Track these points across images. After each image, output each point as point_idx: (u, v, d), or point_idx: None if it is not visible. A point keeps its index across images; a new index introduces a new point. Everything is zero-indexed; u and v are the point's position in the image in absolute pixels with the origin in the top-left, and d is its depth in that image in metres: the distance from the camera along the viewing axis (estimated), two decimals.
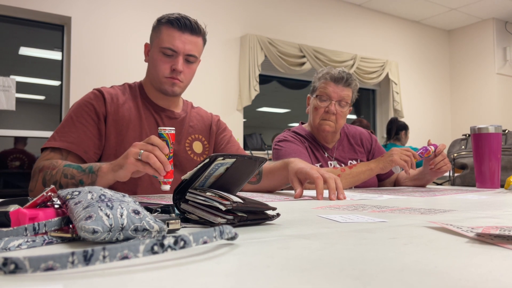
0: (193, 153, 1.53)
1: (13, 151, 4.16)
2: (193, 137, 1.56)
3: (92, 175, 1.16)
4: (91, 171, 1.16)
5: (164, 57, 1.42)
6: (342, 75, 1.82)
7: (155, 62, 1.44)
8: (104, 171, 1.14)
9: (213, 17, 4.81)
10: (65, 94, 4.07)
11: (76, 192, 0.53)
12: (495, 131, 1.67)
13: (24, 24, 4.07)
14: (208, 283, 0.33)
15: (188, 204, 0.65)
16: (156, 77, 1.45)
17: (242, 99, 4.89)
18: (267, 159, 0.83)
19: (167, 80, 1.44)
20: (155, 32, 1.46)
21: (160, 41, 1.42)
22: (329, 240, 0.52)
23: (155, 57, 1.43)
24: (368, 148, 2.02)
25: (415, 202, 1.07)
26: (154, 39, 1.45)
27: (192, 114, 1.61)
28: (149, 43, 1.50)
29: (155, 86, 1.48)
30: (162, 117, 1.51)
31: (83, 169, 1.18)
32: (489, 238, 0.51)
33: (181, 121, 1.55)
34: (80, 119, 1.37)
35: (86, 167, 1.18)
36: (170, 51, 1.41)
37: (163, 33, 1.42)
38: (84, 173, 1.17)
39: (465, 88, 6.76)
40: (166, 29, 1.42)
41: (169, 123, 1.51)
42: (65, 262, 0.34)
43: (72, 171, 1.19)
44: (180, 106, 1.60)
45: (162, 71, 1.43)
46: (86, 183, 1.16)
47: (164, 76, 1.43)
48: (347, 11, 5.88)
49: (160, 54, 1.42)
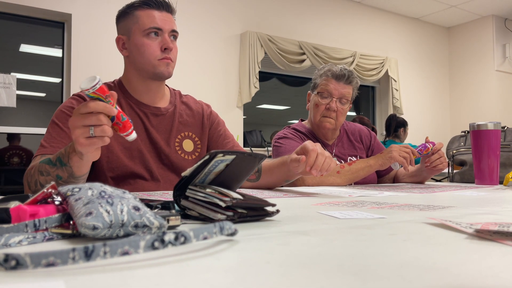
0: (184, 152, 1.46)
1: (13, 147, 4.16)
2: (183, 135, 1.49)
3: (66, 167, 1.05)
4: (62, 164, 1.05)
5: (151, 39, 1.36)
6: (344, 72, 1.82)
7: (143, 48, 1.36)
8: (75, 160, 1.02)
9: (213, 14, 4.80)
10: (66, 91, 4.07)
11: (77, 188, 0.53)
12: (494, 127, 1.67)
13: (24, 21, 4.06)
14: (208, 279, 0.33)
15: (188, 201, 0.65)
16: (147, 62, 1.37)
17: (242, 96, 4.89)
18: (267, 156, 0.83)
19: (161, 62, 1.37)
20: (128, 20, 1.39)
21: (140, 25, 1.36)
22: (329, 236, 0.52)
23: (141, 43, 1.36)
24: (367, 144, 2.03)
25: (414, 198, 1.07)
26: (131, 26, 1.38)
27: (181, 107, 1.53)
28: (121, 35, 1.41)
29: (147, 73, 1.39)
30: (148, 115, 1.43)
31: (54, 162, 1.07)
32: (488, 234, 0.51)
33: (169, 117, 1.47)
34: (66, 124, 1.28)
35: (56, 159, 1.07)
36: (156, 30, 1.35)
37: (141, 16, 1.36)
38: (56, 167, 1.07)
39: (465, 85, 6.76)
40: (143, 12, 1.37)
41: (155, 120, 1.44)
42: (66, 258, 0.35)
43: (45, 167, 1.10)
44: (167, 97, 1.52)
45: (153, 54, 1.36)
46: (65, 176, 1.06)
47: (157, 58, 1.36)
48: (347, 8, 5.88)
49: (145, 37, 1.36)
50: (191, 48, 4.59)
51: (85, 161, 1.02)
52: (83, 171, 1.07)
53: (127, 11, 1.39)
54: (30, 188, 1.15)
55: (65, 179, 1.07)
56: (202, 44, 4.71)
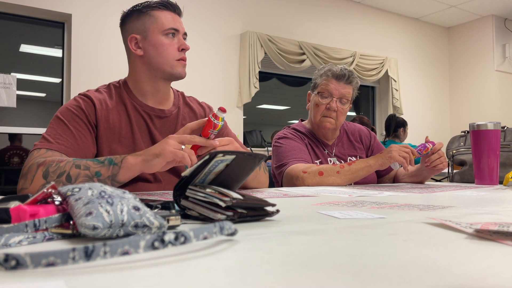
0: None
1: (14, 147, 4.16)
2: None
3: (114, 167, 1.10)
4: (112, 163, 1.10)
5: (170, 40, 1.38)
6: (344, 72, 1.82)
7: (162, 47, 1.37)
8: (131, 162, 1.10)
9: (213, 14, 4.80)
10: (66, 91, 4.07)
11: (77, 188, 0.53)
12: (494, 127, 1.67)
13: (24, 22, 4.07)
14: (208, 279, 0.33)
15: (188, 201, 0.65)
16: (166, 62, 1.38)
17: (242, 96, 4.89)
18: (267, 156, 0.83)
19: (179, 62, 1.39)
20: (145, 19, 1.39)
21: (159, 25, 1.37)
22: (328, 236, 0.52)
23: (160, 42, 1.37)
24: (367, 144, 2.03)
25: (414, 198, 1.07)
26: (149, 26, 1.38)
27: (184, 110, 1.53)
28: (135, 35, 1.40)
29: (163, 73, 1.40)
30: (152, 117, 1.43)
31: (101, 161, 1.11)
32: (488, 234, 0.51)
33: (172, 119, 1.48)
34: (73, 124, 1.29)
35: (104, 159, 1.11)
36: (173, 31, 1.38)
37: (160, 16, 1.38)
38: (102, 165, 1.10)
39: (464, 85, 6.76)
40: (161, 12, 1.39)
41: (159, 122, 1.44)
42: (66, 258, 0.35)
43: (86, 162, 1.11)
44: (171, 99, 1.52)
45: (172, 54, 1.38)
46: (105, 175, 1.09)
47: (175, 58, 1.38)
48: (347, 8, 5.88)
49: (164, 37, 1.38)
50: (191, 48, 4.57)
51: (140, 168, 1.11)
52: (126, 177, 1.13)
53: (143, 11, 1.40)
54: (47, 176, 1.11)
55: (103, 178, 1.09)
56: (202, 44, 4.71)
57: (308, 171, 1.63)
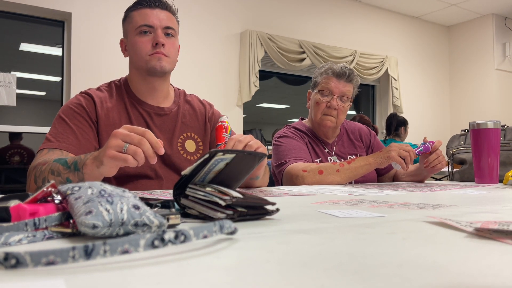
0: (186, 153, 1.47)
1: (14, 146, 4.16)
2: (186, 136, 1.50)
3: (78, 173, 1.04)
4: (76, 168, 1.05)
5: (142, 37, 1.38)
6: (344, 70, 1.83)
7: (135, 45, 1.39)
8: (89, 168, 1.02)
9: (213, 13, 4.80)
10: (66, 90, 4.06)
11: (77, 187, 0.53)
12: (494, 126, 1.67)
13: (24, 20, 4.06)
14: (208, 277, 0.33)
15: (188, 199, 0.65)
16: (140, 59, 1.39)
17: (242, 95, 4.89)
18: (267, 154, 0.83)
19: (152, 56, 1.38)
20: (126, 22, 1.44)
21: (133, 25, 1.39)
22: (328, 235, 0.52)
23: (133, 41, 1.39)
24: (367, 143, 2.03)
25: (414, 197, 1.07)
26: (127, 27, 1.43)
27: (184, 107, 1.54)
28: (123, 38, 1.47)
29: (142, 70, 1.41)
30: (151, 115, 1.44)
31: (69, 165, 1.07)
32: (487, 233, 0.51)
33: (172, 117, 1.48)
34: (74, 121, 1.31)
35: (72, 163, 1.07)
36: (146, 28, 1.38)
37: (134, 16, 1.40)
38: (69, 170, 1.06)
39: (465, 83, 6.76)
40: (136, 12, 1.40)
41: (159, 120, 1.45)
42: (66, 257, 0.35)
43: (58, 167, 1.08)
44: (171, 97, 1.53)
45: (143, 49, 1.38)
46: (74, 181, 1.04)
47: (147, 54, 1.38)
48: (347, 7, 5.87)
49: (137, 35, 1.39)
50: (191, 47, 4.59)
51: (98, 173, 1.01)
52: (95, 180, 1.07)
53: (126, 15, 1.45)
54: (36, 183, 1.13)
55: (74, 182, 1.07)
56: (202, 43, 4.70)
57: (308, 170, 1.64)
